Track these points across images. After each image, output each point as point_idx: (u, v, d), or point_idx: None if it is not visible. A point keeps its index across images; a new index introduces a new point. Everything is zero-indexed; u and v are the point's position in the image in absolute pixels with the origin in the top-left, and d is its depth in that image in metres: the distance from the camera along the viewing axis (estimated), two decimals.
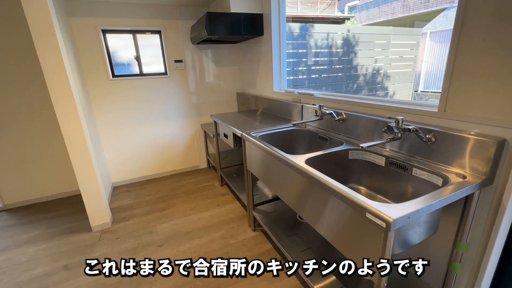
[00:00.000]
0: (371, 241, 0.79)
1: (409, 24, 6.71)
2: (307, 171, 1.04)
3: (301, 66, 3.67)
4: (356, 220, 0.83)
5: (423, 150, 1.09)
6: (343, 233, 0.91)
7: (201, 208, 2.29)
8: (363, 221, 0.80)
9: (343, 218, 0.90)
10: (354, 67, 4.13)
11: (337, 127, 1.56)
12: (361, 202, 0.78)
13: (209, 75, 2.96)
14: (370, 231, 0.78)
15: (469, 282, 1.06)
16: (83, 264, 1.67)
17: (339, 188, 0.87)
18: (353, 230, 0.86)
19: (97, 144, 2.39)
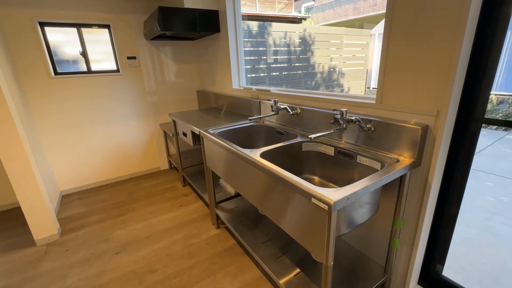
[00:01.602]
0: (319, 225, 0.84)
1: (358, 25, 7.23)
2: (261, 163, 1.07)
3: (261, 64, 3.73)
4: (305, 207, 0.88)
5: (365, 139, 1.19)
6: (297, 223, 0.96)
7: (162, 211, 2.20)
8: (311, 207, 0.85)
9: (295, 207, 0.94)
10: (311, 65, 4.32)
11: (293, 121, 1.63)
12: (306, 188, 0.83)
13: (167, 72, 2.85)
14: (317, 216, 0.84)
15: (407, 254, 1.19)
16: (25, 283, 1.50)
17: (288, 177, 0.92)
18: (304, 218, 0.91)
19: (38, 149, 2.15)
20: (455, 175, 1.06)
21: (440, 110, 0.96)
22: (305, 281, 1.20)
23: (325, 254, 0.84)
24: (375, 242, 1.30)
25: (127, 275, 1.52)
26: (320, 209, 0.81)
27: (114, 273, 1.55)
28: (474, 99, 0.95)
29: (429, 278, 1.24)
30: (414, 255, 1.16)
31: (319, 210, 0.82)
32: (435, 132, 0.99)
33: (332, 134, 1.33)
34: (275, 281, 1.26)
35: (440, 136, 0.97)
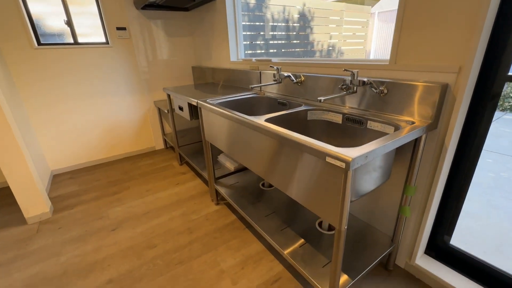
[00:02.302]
0: (333, 187, 0.78)
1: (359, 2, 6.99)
2: (268, 127, 0.99)
3: (258, 39, 3.56)
4: (318, 168, 0.82)
5: (376, 103, 1.12)
6: (307, 187, 0.89)
7: (158, 189, 2.13)
8: (325, 167, 0.79)
9: (306, 170, 0.88)
10: (310, 43, 4.17)
11: (296, 90, 1.54)
12: (320, 147, 0.76)
13: (159, 47, 2.69)
14: (331, 176, 0.77)
15: (416, 223, 1.15)
16: (17, 260, 1.44)
17: (299, 138, 0.84)
18: (316, 181, 0.85)
19: (25, 127, 2.02)
20: (471, 139, 1.00)
21: (463, 66, 0.88)
22: (311, 252, 1.16)
23: (338, 217, 0.78)
24: (382, 213, 1.26)
25: (125, 251, 1.47)
26: (335, 169, 0.74)
27: (111, 249, 1.49)
28: (499, 54, 0.88)
29: (436, 247, 1.21)
30: (423, 224, 1.12)
31: (334, 169, 0.75)
32: (455, 91, 0.91)
33: (341, 99, 1.25)
34: (280, 253, 1.22)
35: (460, 95, 0.90)
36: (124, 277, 1.29)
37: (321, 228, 1.31)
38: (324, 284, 1.00)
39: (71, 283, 1.28)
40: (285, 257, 1.16)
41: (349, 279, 1.01)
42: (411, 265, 1.23)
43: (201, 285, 1.23)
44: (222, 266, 1.33)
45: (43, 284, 1.28)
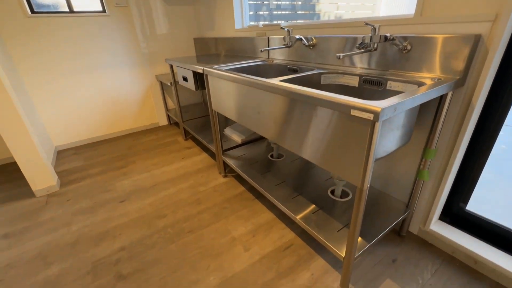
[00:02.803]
0: (356, 144, 0.73)
1: None
2: (285, 86, 0.92)
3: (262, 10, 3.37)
4: (340, 124, 0.76)
5: (397, 62, 1.04)
6: (328, 147, 0.85)
7: (164, 163, 2.11)
8: (348, 122, 0.74)
9: (326, 128, 0.83)
10: (316, 13, 3.96)
11: (307, 55, 1.45)
12: (345, 100, 0.70)
13: (159, 17, 2.54)
14: (355, 131, 0.72)
15: (433, 188, 1.12)
16: (28, 231, 1.44)
17: (321, 94, 0.78)
18: (337, 139, 0.80)
19: (26, 102, 1.96)
20: (500, 99, 0.94)
21: (500, 14, 0.80)
22: (324, 218, 1.14)
23: (361, 175, 0.74)
24: (397, 179, 1.22)
25: (134, 221, 1.47)
26: (361, 122, 0.69)
27: (121, 219, 1.49)
28: None
29: (451, 213, 1.19)
30: (441, 189, 1.09)
31: (359, 123, 0.70)
32: (489, 42, 0.84)
33: (357, 59, 1.17)
34: (293, 219, 1.21)
35: (494, 47, 0.83)
36: (136, 245, 1.30)
37: (334, 195, 1.29)
38: (339, 248, 0.99)
39: (84, 251, 1.28)
40: (298, 223, 1.15)
41: (365, 242, 1.00)
42: (424, 231, 1.22)
43: (213, 252, 1.23)
44: (233, 234, 1.33)
45: (56, 252, 1.28)
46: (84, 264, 1.21)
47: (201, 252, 1.23)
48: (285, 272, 1.11)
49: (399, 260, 1.14)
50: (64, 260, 1.24)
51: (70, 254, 1.27)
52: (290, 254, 1.20)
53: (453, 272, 1.07)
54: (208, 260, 1.19)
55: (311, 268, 1.12)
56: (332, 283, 1.05)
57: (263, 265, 1.15)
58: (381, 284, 1.04)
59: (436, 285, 1.02)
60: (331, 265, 1.13)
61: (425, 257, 1.14)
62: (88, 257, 1.24)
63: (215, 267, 1.15)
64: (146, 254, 1.24)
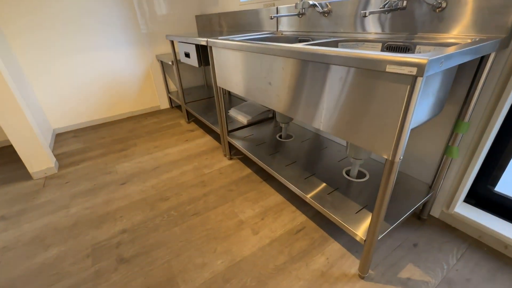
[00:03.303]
0: (390, 106, 0.63)
1: None
2: (303, 48, 0.81)
3: None
4: (371, 85, 0.66)
5: (428, 23, 0.92)
6: (354, 115, 0.75)
7: (167, 145, 2.02)
8: (381, 82, 0.63)
9: (353, 92, 0.72)
10: None
11: (321, 23, 1.32)
12: (378, 56, 0.59)
13: None
14: (390, 92, 0.62)
15: (462, 167, 1.02)
16: (25, 213, 1.37)
17: (346, 52, 0.67)
18: (366, 104, 0.69)
19: (21, 81, 1.85)
20: None
21: None
22: (340, 199, 1.05)
23: (393, 144, 0.64)
24: (419, 158, 1.12)
25: (136, 203, 1.39)
26: (398, 80, 0.59)
27: (122, 201, 1.41)
28: None
29: (477, 195, 1.10)
30: (471, 168, 0.99)
31: (396, 81, 0.59)
32: None
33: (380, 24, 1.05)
34: (306, 200, 1.12)
35: None
36: (139, 227, 1.22)
37: (349, 176, 1.20)
38: (359, 229, 0.90)
39: (83, 233, 1.21)
40: (312, 204, 1.06)
41: (387, 224, 0.91)
42: (447, 214, 1.13)
43: (220, 235, 1.15)
44: (240, 217, 1.25)
45: (54, 234, 1.22)
46: (83, 247, 1.14)
47: (207, 235, 1.16)
48: (298, 256, 1.03)
49: (421, 245, 1.05)
50: (63, 242, 1.17)
51: (69, 237, 1.20)
52: (302, 237, 1.12)
53: (480, 257, 0.99)
54: (215, 243, 1.12)
55: (325, 252, 1.04)
56: (349, 268, 0.97)
57: (274, 249, 1.07)
58: (403, 269, 0.96)
59: (463, 271, 0.94)
60: (347, 249, 1.05)
61: (449, 242, 1.06)
62: (88, 240, 1.17)
63: (223, 250, 1.08)
64: (149, 237, 1.17)
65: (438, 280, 0.91)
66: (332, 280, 0.93)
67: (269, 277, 0.96)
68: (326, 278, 0.94)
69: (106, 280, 0.99)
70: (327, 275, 0.95)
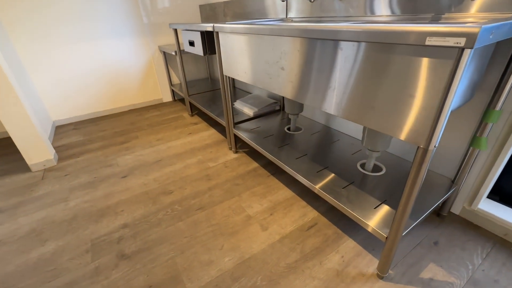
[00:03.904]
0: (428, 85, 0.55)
1: None
2: (323, 26, 0.74)
3: None
4: (406, 62, 0.59)
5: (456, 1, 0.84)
6: (384, 97, 0.67)
7: (170, 138, 1.95)
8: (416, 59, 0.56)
9: (383, 71, 0.65)
10: None
11: (334, 7, 1.24)
12: (416, 27, 0.52)
13: None
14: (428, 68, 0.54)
15: (489, 160, 0.95)
16: (22, 205, 1.31)
17: (375, 26, 0.60)
18: (398, 83, 0.62)
19: (20, 72, 1.78)
20: None
21: None
22: (356, 193, 0.98)
23: (429, 129, 0.57)
24: (441, 151, 1.05)
25: (138, 197, 1.33)
26: (439, 54, 0.51)
27: (123, 195, 1.35)
28: None
29: (502, 191, 1.03)
30: (500, 160, 0.92)
31: (437, 55, 0.52)
32: None
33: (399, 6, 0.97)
34: (320, 194, 1.06)
35: None
36: (140, 222, 1.16)
37: (364, 169, 1.12)
38: (380, 226, 0.83)
39: (83, 227, 1.15)
40: (326, 198, 0.99)
41: (410, 221, 0.84)
42: (469, 211, 1.06)
43: (227, 231, 1.09)
44: (248, 212, 1.19)
45: (51, 228, 1.16)
46: (82, 241, 1.08)
47: (213, 231, 1.09)
48: (311, 253, 0.97)
49: (442, 243, 0.99)
50: (61, 237, 1.11)
51: (68, 231, 1.14)
52: (314, 234, 1.05)
53: (507, 257, 0.92)
54: (222, 239, 1.05)
55: (340, 250, 0.97)
56: (366, 267, 0.91)
57: (284, 246, 1.00)
58: (424, 268, 0.89)
59: (490, 271, 0.87)
60: (363, 247, 0.98)
61: (472, 240, 0.99)
62: (87, 234, 1.11)
63: (230, 247, 1.01)
64: (151, 232, 1.11)
65: (464, 281, 0.85)
66: (348, 280, 0.87)
67: (280, 276, 0.89)
68: (342, 277, 0.88)
69: (106, 277, 0.93)
70: (343, 274, 0.89)
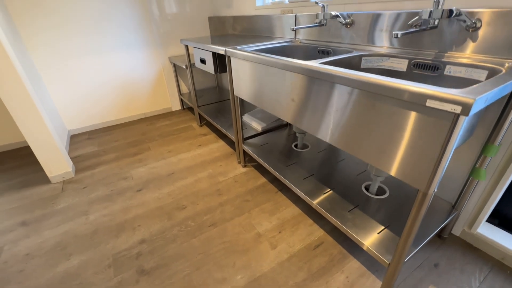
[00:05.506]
0: (428, 140, 0.61)
1: None
2: (331, 71, 0.80)
3: None
4: (407, 117, 0.64)
5: (459, 42, 0.89)
6: (387, 143, 0.73)
7: (180, 150, 2.03)
8: (419, 115, 0.61)
9: (387, 121, 0.71)
10: None
11: (342, 34, 1.30)
12: (418, 88, 0.58)
13: None
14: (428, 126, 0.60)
15: (488, 188, 1.00)
16: (45, 219, 1.40)
17: (381, 80, 0.66)
18: (400, 134, 0.68)
19: (36, 83, 1.87)
20: None
21: None
22: (361, 217, 1.05)
23: (428, 177, 0.63)
24: (444, 177, 1.10)
25: (154, 211, 1.41)
26: (438, 115, 0.57)
27: (140, 209, 1.43)
28: None
29: (500, 215, 1.08)
30: (498, 189, 0.97)
31: (436, 116, 0.58)
32: None
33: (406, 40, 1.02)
34: (327, 218, 1.12)
35: None
36: (157, 238, 1.24)
37: (369, 192, 1.18)
38: (382, 252, 0.89)
39: (104, 242, 1.23)
40: (334, 223, 1.05)
41: (412, 247, 0.90)
42: (469, 233, 1.11)
43: (238, 249, 1.16)
44: (258, 230, 1.26)
45: (75, 242, 1.24)
46: (104, 256, 1.16)
47: (226, 248, 1.17)
48: (318, 273, 1.03)
49: (442, 265, 1.04)
50: (84, 251, 1.19)
51: (90, 245, 1.22)
52: (321, 253, 1.12)
53: (504, 280, 0.97)
54: (234, 257, 1.12)
55: (345, 270, 1.04)
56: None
57: (293, 265, 1.07)
58: None
59: None
60: (367, 268, 1.05)
61: (471, 262, 1.04)
62: (108, 249, 1.20)
63: (242, 265, 1.08)
64: (167, 248, 1.19)
65: None
66: None
67: None
68: None
69: None
70: None
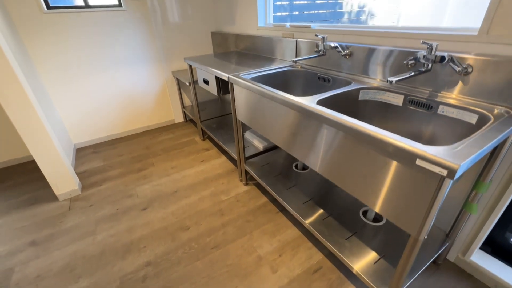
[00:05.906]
0: (417, 193, 0.66)
1: None
2: (327, 114, 0.84)
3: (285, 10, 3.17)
4: (398, 169, 0.69)
5: (453, 84, 0.94)
6: (380, 189, 0.78)
7: (184, 166, 2.08)
8: (409, 170, 0.66)
9: (380, 169, 0.75)
10: (339, 3, 3.71)
11: (341, 63, 1.34)
12: (408, 146, 0.62)
13: (176, 9, 2.42)
14: (418, 181, 0.65)
15: (480, 220, 1.04)
16: (54, 239, 1.45)
17: (374, 132, 0.70)
18: (393, 183, 0.73)
19: (44, 99, 1.93)
20: None
21: None
22: (358, 245, 1.09)
23: (418, 227, 0.68)
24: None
25: (158, 232, 1.46)
26: (427, 173, 0.62)
27: (145, 229, 1.48)
28: None
29: (493, 243, 1.12)
30: (490, 222, 1.01)
31: (425, 173, 0.62)
32: None
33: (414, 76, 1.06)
34: (327, 247, 1.16)
35: None
36: (162, 260, 1.29)
37: (366, 218, 1.23)
38: (378, 284, 0.94)
39: (111, 263, 1.28)
40: (332, 251, 1.10)
41: (407, 279, 0.95)
42: (462, 260, 1.15)
43: (241, 272, 1.21)
44: (259, 252, 1.30)
45: (83, 263, 1.29)
46: (112, 279, 1.21)
47: (228, 271, 1.21)
48: None
49: None
50: (92, 273, 1.24)
51: (98, 267, 1.27)
52: (319, 278, 1.16)
53: None
54: (237, 281, 1.17)
55: None
56: None
57: None
58: None
59: None
60: None
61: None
62: (115, 272, 1.24)
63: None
64: (172, 271, 1.23)
65: None
66: None
67: None
68: None
69: None
70: None
